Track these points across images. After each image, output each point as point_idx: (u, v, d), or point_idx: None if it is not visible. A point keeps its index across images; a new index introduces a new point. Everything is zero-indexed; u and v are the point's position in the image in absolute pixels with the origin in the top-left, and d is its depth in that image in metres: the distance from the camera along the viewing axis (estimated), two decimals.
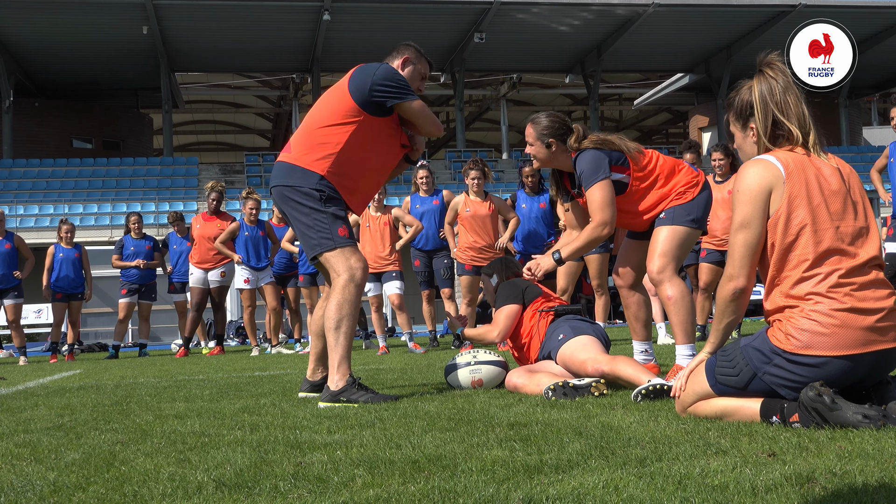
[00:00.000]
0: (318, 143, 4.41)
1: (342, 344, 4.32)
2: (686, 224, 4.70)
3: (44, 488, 2.40)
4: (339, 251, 4.35)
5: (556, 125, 4.77)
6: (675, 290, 4.63)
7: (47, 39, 30.70)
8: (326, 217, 4.36)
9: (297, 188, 4.38)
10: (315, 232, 4.37)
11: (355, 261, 4.36)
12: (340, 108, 4.44)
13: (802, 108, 3.10)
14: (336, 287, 4.35)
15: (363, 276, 4.39)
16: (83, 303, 13.13)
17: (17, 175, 31.14)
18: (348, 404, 4.17)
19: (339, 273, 4.34)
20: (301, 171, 4.39)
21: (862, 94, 41.61)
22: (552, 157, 4.80)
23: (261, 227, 11.77)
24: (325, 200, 4.36)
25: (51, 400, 5.32)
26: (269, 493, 2.20)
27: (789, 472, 2.13)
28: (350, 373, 4.32)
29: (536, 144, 4.78)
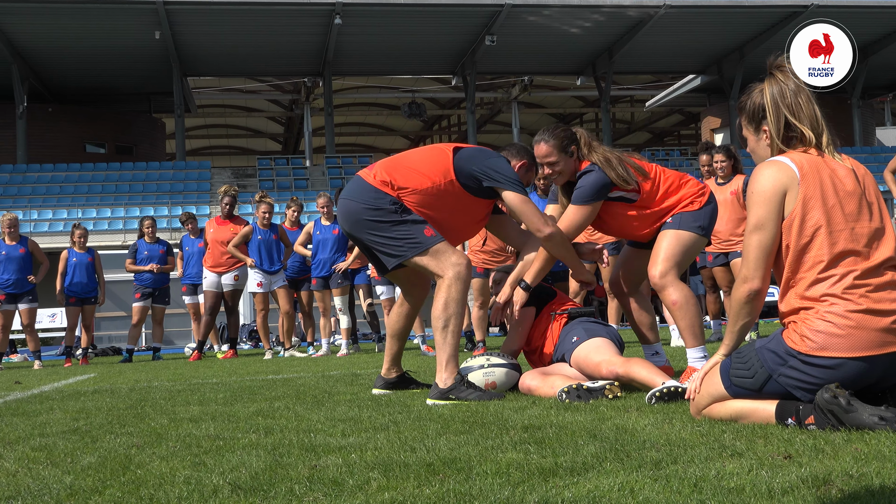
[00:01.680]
0: (402, 176, 4.49)
1: (450, 343, 4.37)
2: (693, 230, 4.65)
3: (60, 492, 2.41)
4: (432, 251, 4.41)
5: (566, 133, 4.72)
6: (679, 295, 4.58)
7: (60, 45, 30.83)
8: (407, 225, 4.43)
9: (369, 207, 4.44)
10: (400, 240, 4.42)
11: (457, 258, 4.42)
12: (439, 164, 4.54)
13: (814, 109, 3.09)
14: (442, 286, 4.40)
15: (468, 272, 4.45)
16: (97, 307, 13.17)
17: (30, 180, 31.28)
18: (458, 401, 4.23)
19: (444, 272, 4.40)
20: (375, 191, 4.46)
21: (875, 95, 41.42)
22: (574, 165, 4.73)
23: (274, 231, 11.79)
24: (401, 212, 4.43)
25: (66, 404, 5.34)
26: (285, 497, 2.20)
27: (805, 474, 2.12)
28: (459, 371, 4.39)
29: (561, 158, 4.67)
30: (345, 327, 11.34)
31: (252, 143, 52.45)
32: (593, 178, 4.61)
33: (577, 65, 36.68)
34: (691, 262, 4.79)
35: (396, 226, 4.42)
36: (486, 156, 4.61)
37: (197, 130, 48.17)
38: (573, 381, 4.15)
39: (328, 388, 5.54)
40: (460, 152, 4.60)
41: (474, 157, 4.58)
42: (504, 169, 4.56)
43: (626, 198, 4.68)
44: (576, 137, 4.74)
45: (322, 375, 6.99)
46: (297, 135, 49.00)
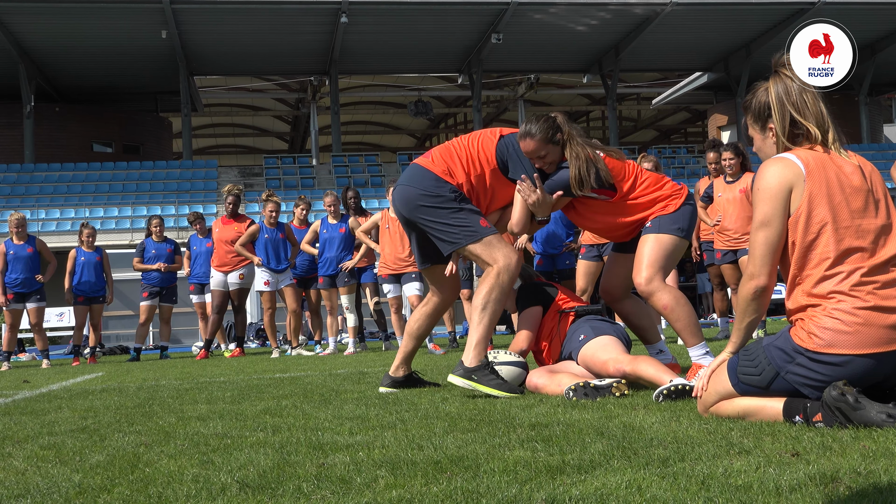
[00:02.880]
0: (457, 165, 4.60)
1: (484, 325, 4.44)
2: (672, 232, 4.60)
3: (69, 490, 2.42)
4: (486, 241, 4.49)
5: (549, 122, 4.61)
6: (669, 297, 4.52)
7: (67, 45, 30.89)
8: (465, 213, 4.52)
9: (428, 194, 4.54)
10: (457, 227, 4.51)
11: (509, 250, 4.51)
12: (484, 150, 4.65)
13: (820, 107, 3.09)
14: (491, 273, 4.48)
15: (517, 266, 4.52)
16: (105, 306, 13.20)
17: (38, 179, 31.34)
18: (478, 385, 4.31)
19: (496, 260, 4.48)
20: (435, 178, 4.56)
21: (882, 91, 41.29)
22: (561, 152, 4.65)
23: (280, 230, 11.81)
24: (459, 200, 4.53)
25: (74, 402, 5.36)
26: (293, 495, 2.21)
27: (813, 471, 2.12)
28: (486, 356, 4.45)
29: (549, 148, 4.58)
30: (351, 326, 11.35)
31: (258, 141, 52.49)
32: (566, 175, 4.59)
33: (583, 62, 36.62)
34: (675, 264, 4.75)
35: (454, 213, 4.51)
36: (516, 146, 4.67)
37: (203, 129, 48.21)
38: (580, 380, 4.15)
39: (335, 387, 5.55)
40: (505, 137, 4.68)
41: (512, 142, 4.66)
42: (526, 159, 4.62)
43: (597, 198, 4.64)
44: (559, 125, 4.63)
45: (329, 374, 7.00)
46: (303, 133, 49.03)
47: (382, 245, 10.45)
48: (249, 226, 12.02)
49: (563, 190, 4.59)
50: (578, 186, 4.53)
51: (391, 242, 10.33)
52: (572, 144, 4.60)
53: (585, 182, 4.52)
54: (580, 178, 4.52)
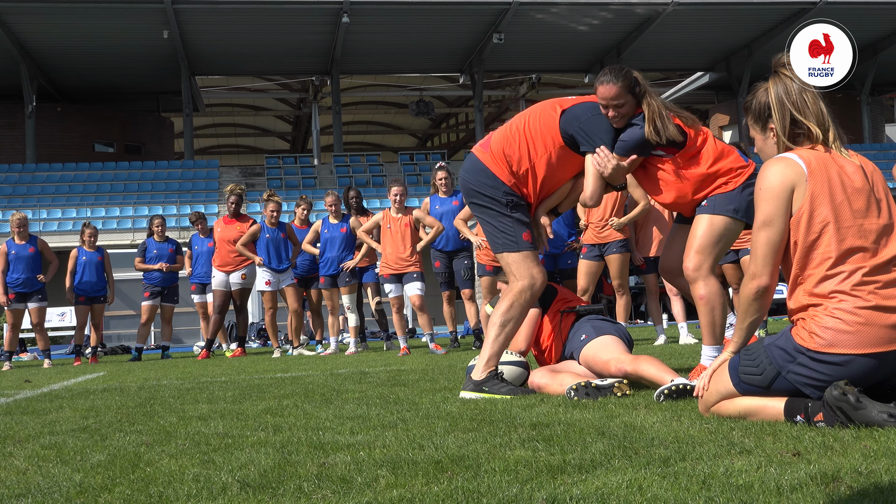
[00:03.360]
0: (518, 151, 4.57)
1: (500, 342, 4.47)
2: (727, 214, 4.39)
3: (70, 489, 2.42)
4: (521, 255, 4.52)
5: (630, 73, 4.54)
6: (707, 290, 4.41)
7: (69, 45, 30.89)
8: (511, 221, 4.54)
9: (482, 192, 4.58)
10: (500, 234, 4.56)
11: (537, 271, 4.53)
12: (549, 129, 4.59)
13: (820, 106, 3.09)
14: (513, 289, 4.51)
15: (541, 287, 4.55)
16: (106, 306, 13.20)
17: (40, 179, 31.36)
18: (492, 395, 4.31)
19: (519, 279, 4.51)
20: (490, 175, 4.57)
21: (884, 91, 41.26)
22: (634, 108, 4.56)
23: (282, 230, 11.81)
24: (511, 206, 4.54)
25: (75, 402, 5.36)
26: (294, 494, 2.21)
27: (814, 471, 2.12)
28: (496, 367, 4.47)
29: (627, 98, 4.48)
30: (353, 325, 11.35)
31: (260, 141, 52.50)
32: (638, 133, 4.51)
33: (584, 62, 36.61)
34: (728, 248, 4.63)
35: (501, 217, 4.55)
36: (587, 115, 4.58)
37: (205, 129, 48.22)
38: (582, 379, 4.15)
39: (336, 387, 5.55)
40: (566, 112, 4.61)
41: (577, 116, 4.59)
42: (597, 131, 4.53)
43: (663, 155, 4.52)
44: (637, 79, 4.58)
45: (330, 374, 7.00)
46: (304, 133, 49.04)
47: (384, 245, 10.45)
48: (251, 226, 12.02)
49: (636, 150, 4.50)
50: (655, 135, 4.43)
51: (392, 242, 10.34)
52: (648, 98, 4.55)
53: (661, 133, 4.42)
54: (655, 129, 4.45)
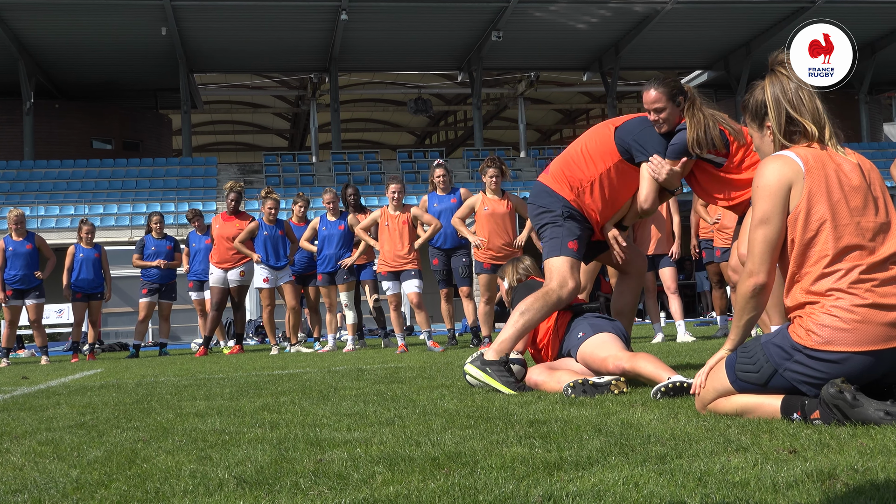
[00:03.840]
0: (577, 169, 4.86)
1: (517, 327, 4.57)
2: None
3: (66, 485, 2.42)
4: (563, 260, 4.72)
5: (677, 83, 4.88)
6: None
7: (67, 42, 30.87)
8: (562, 230, 4.77)
9: (543, 209, 4.86)
10: (550, 240, 4.79)
11: (571, 281, 4.69)
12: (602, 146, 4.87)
13: (816, 104, 3.10)
14: (544, 289, 4.69)
15: (570, 296, 4.70)
16: (103, 302, 13.20)
17: (37, 176, 31.34)
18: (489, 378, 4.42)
19: (553, 280, 4.70)
20: (550, 192, 4.86)
21: (882, 90, 41.30)
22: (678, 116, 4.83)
23: (280, 227, 11.80)
24: (565, 217, 4.78)
25: (72, 398, 5.36)
26: (290, 490, 2.21)
27: (811, 468, 2.12)
28: (506, 355, 4.54)
29: (669, 106, 4.80)
30: (350, 323, 11.35)
31: (258, 139, 52.46)
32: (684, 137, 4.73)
33: (583, 60, 36.62)
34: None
35: (554, 227, 4.78)
36: (639, 127, 4.85)
37: (203, 127, 48.17)
38: (579, 377, 4.15)
39: (334, 384, 5.55)
40: (620, 128, 4.89)
41: (630, 130, 4.86)
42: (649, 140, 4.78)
43: (713, 160, 4.77)
44: (684, 89, 4.88)
45: (328, 371, 7.00)
46: (303, 131, 48.99)
47: (382, 242, 10.45)
48: (250, 223, 12.01)
49: (686, 153, 4.72)
50: (696, 146, 4.67)
51: (390, 240, 10.34)
52: (694, 108, 4.79)
53: (702, 143, 4.67)
54: (697, 138, 4.68)
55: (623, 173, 4.86)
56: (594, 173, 4.82)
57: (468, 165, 34.93)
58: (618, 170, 4.85)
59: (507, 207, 9.66)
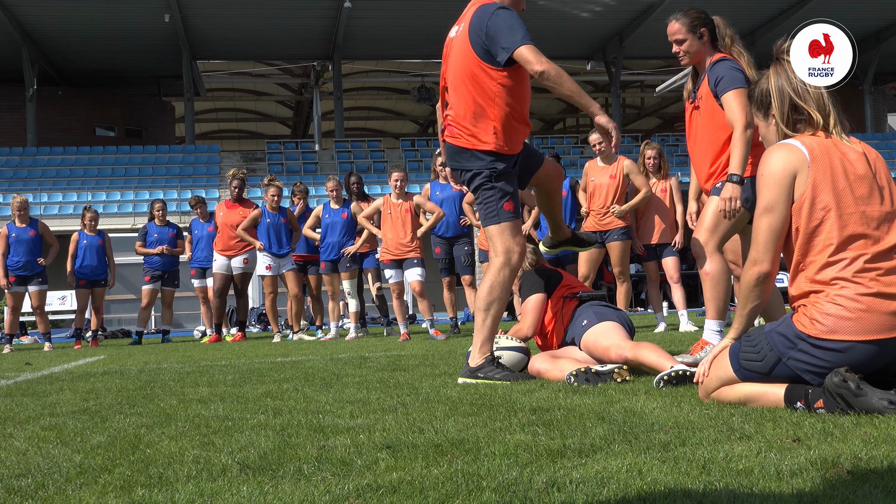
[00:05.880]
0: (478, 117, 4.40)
1: (488, 326, 4.44)
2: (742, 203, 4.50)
3: (70, 470, 2.43)
4: (502, 227, 4.44)
5: (702, 15, 4.75)
6: (714, 266, 4.58)
7: (70, 28, 30.83)
8: (494, 192, 4.44)
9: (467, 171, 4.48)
10: (484, 207, 4.49)
11: (514, 243, 4.45)
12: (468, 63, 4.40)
13: (821, 92, 3.10)
14: (492, 268, 4.48)
15: (519, 260, 4.48)
16: (107, 289, 13.21)
17: (40, 163, 31.34)
18: (487, 381, 4.28)
19: (497, 254, 4.46)
20: (469, 154, 4.44)
21: (887, 81, 41.16)
22: (702, 48, 4.70)
23: (282, 214, 11.80)
24: (494, 178, 4.44)
25: (76, 384, 5.37)
26: (293, 476, 2.21)
27: (814, 457, 2.12)
28: (491, 352, 4.44)
29: (690, 37, 4.69)
30: (353, 311, 11.35)
31: (261, 126, 52.41)
32: (729, 65, 4.56)
33: (587, 49, 36.53)
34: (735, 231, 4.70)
35: (485, 189, 4.46)
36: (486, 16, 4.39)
37: (206, 114, 48.12)
38: (582, 365, 4.15)
39: (337, 371, 5.55)
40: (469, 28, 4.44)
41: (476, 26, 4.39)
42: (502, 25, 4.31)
43: None
44: (711, 22, 4.73)
45: (330, 358, 7.00)
46: (306, 119, 48.92)
47: (384, 230, 10.44)
48: (253, 211, 12.00)
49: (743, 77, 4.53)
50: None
51: (393, 228, 10.33)
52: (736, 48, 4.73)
53: None
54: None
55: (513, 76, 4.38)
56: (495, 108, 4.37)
57: None
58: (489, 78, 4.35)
59: None
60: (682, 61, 4.78)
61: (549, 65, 4.25)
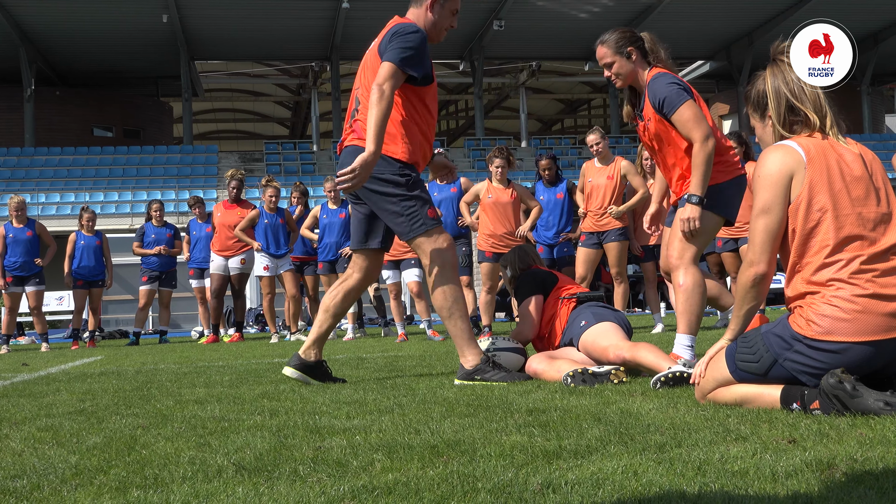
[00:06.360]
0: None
1: (461, 328, 4.41)
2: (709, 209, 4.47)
3: (66, 471, 2.42)
4: (429, 234, 4.41)
5: (627, 34, 4.61)
6: (689, 279, 4.47)
7: (68, 28, 30.83)
8: (415, 201, 4.40)
9: (378, 178, 4.38)
10: (406, 218, 4.41)
11: (441, 241, 4.42)
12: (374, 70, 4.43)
13: (818, 93, 3.10)
14: (433, 274, 4.43)
15: (451, 253, 4.44)
16: (104, 290, 13.21)
17: (38, 163, 31.33)
18: (483, 383, 4.26)
19: (431, 260, 4.42)
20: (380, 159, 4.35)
21: (885, 82, 41.23)
22: (634, 68, 4.58)
23: (280, 215, 11.80)
24: (410, 186, 4.40)
25: (72, 385, 5.36)
26: (289, 477, 2.21)
27: (810, 458, 2.12)
28: (484, 352, 4.41)
29: (617, 59, 4.55)
30: (351, 312, 11.35)
31: (259, 127, 52.42)
32: (666, 79, 4.46)
33: (585, 50, 36.49)
34: (709, 241, 4.66)
35: (404, 199, 4.39)
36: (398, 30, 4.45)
37: (204, 114, 48.14)
38: (579, 366, 4.15)
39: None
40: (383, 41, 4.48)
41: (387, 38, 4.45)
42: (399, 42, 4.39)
43: None
44: (639, 39, 4.60)
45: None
46: (304, 119, 48.95)
47: None
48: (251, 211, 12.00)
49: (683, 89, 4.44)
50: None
51: None
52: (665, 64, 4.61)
53: None
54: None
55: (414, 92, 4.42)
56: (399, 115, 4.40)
57: (469, 155, 34.93)
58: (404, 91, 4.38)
59: (511, 197, 9.64)
60: (617, 84, 4.66)
61: (383, 88, 4.24)
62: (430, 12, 4.53)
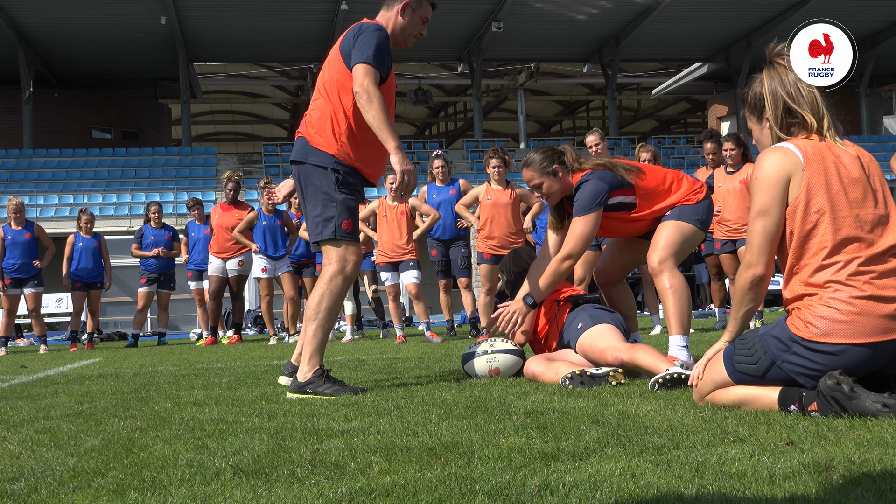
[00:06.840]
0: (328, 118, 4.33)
1: (318, 337, 4.28)
2: (692, 222, 4.69)
3: (63, 473, 2.42)
4: (341, 247, 4.32)
5: (548, 153, 4.74)
6: (676, 280, 4.60)
7: (67, 30, 30.84)
8: (336, 206, 4.29)
9: (316, 166, 4.33)
10: (322, 219, 4.31)
11: (350, 253, 4.33)
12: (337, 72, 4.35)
13: (815, 95, 3.10)
14: (323, 277, 4.32)
15: (354, 270, 4.36)
16: (102, 292, 13.20)
17: (37, 165, 31.33)
18: (314, 396, 4.15)
19: (331, 262, 4.31)
20: (316, 152, 4.32)
21: (883, 83, 41.27)
22: (561, 185, 4.73)
23: (278, 217, 11.80)
24: (339, 185, 4.30)
25: (70, 387, 5.36)
26: (287, 480, 2.21)
27: (807, 460, 2.12)
28: (320, 365, 4.27)
29: (546, 180, 4.70)
30: (349, 313, 11.36)
31: (258, 129, 52.44)
32: (590, 187, 4.61)
33: (583, 52, 36.59)
34: (689, 253, 4.81)
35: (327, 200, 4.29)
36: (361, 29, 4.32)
37: (203, 116, 48.16)
38: (577, 368, 4.15)
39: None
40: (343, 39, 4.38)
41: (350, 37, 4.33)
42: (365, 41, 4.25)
43: (624, 203, 4.68)
44: (557, 155, 4.74)
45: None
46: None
47: (380, 233, 10.44)
48: (249, 213, 12.00)
49: (593, 203, 4.57)
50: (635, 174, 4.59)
51: (389, 230, 10.33)
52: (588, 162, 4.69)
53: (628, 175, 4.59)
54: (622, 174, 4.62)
55: None
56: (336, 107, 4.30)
57: (468, 156, 34.95)
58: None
59: (510, 198, 9.64)
60: (550, 203, 4.79)
61: (366, 89, 4.15)
62: (401, 16, 4.49)
